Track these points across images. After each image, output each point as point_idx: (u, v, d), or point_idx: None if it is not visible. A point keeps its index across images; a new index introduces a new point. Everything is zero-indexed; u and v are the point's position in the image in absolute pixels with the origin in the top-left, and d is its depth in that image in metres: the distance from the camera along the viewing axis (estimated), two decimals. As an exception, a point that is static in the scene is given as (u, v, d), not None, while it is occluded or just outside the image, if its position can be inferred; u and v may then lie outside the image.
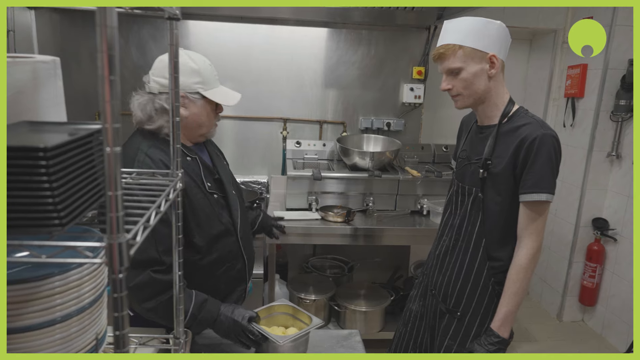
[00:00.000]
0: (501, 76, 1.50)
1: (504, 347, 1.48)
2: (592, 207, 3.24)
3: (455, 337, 1.61)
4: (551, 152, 1.41)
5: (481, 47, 1.43)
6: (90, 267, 0.80)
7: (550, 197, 1.43)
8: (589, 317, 3.39)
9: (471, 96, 1.50)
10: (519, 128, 1.46)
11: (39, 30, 2.87)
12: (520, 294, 1.47)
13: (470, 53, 1.44)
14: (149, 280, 1.30)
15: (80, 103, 2.82)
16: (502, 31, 1.46)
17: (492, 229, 1.53)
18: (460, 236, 1.61)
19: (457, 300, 1.61)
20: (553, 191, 1.44)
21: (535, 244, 1.45)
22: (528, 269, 1.45)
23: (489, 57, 1.44)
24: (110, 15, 0.53)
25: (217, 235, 1.48)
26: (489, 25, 1.44)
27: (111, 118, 0.55)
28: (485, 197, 1.53)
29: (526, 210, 1.45)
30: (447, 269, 1.66)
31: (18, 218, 0.60)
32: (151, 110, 1.40)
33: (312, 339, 1.50)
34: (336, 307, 2.83)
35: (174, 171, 0.98)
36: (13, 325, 0.74)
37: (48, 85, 0.82)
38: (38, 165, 0.58)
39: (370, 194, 2.82)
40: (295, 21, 3.09)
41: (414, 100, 3.24)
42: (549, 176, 1.41)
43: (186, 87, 1.39)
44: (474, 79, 1.46)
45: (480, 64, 1.45)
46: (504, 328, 1.48)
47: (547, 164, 1.40)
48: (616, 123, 3.09)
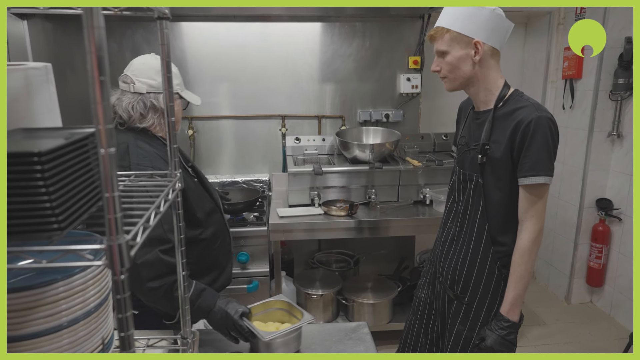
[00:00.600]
0: (492, 62, 1.50)
1: (514, 331, 1.49)
2: (595, 187, 3.23)
3: (465, 322, 1.62)
4: (547, 134, 1.41)
5: (467, 33, 1.44)
6: (94, 271, 0.80)
7: (549, 180, 1.43)
8: (597, 298, 3.38)
9: (456, 80, 1.52)
10: (514, 111, 1.47)
11: (32, 39, 2.87)
12: (526, 277, 1.48)
13: (456, 37, 1.46)
14: (156, 259, 1.34)
15: (76, 110, 2.80)
16: (494, 17, 1.46)
17: (494, 214, 1.54)
18: (465, 222, 1.62)
19: (465, 286, 1.62)
20: (551, 173, 1.44)
21: (536, 227, 1.46)
22: (531, 251, 1.46)
23: (474, 42, 1.45)
24: (97, 16, 0.53)
25: (210, 211, 1.62)
26: (480, 12, 1.44)
27: (103, 119, 0.55)
28: (485, 182, 1.53)
29: (525, 194, 1.46)
30: (453, 255, 1.67)
31: (17, 224, 0.60)
32: (142, 109, 1.50)
33: (320, 333, 1.51)
34: (344, 301, 2.84)
35: (172, 172, 0.98)
36: (20, 333, 0.74)
37: (41, 91, 0.82)
38: (33, 170, 0.58)
39: (372, 186, 2.81)
40: (288, 17, 3.08)
41: (411, 90, 3.23)
42: (545, 158, 1.42)
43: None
44: (458, 62, 1.48)
45: (465, 49, 1.46)
46: (513, 312, 1.49)
47: (543, 146, 1.41)
48: (615, 102, 3.07)
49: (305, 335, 1.46)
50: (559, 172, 3.48)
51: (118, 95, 1.51)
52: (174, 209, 1.00)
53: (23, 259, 0.77)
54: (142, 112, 1.50)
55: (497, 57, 1.51)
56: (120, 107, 1.49)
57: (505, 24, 1.48)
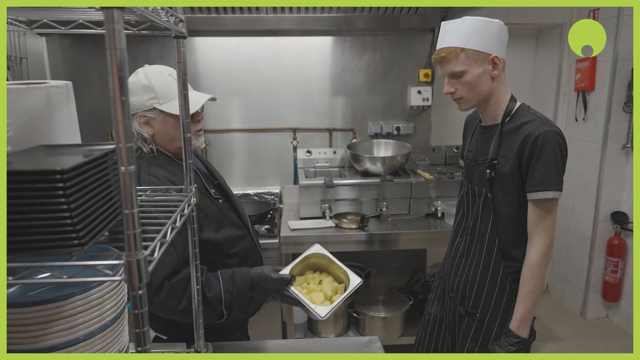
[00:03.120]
0: (503, 76, 1.50)
1: (524, 347, 1.47)
2: (609, 200, 3.19)
3: (477, 339, 1.59)
4: (555, 148, 1.39)
5: (483, 49, 1.42)
6: (111, 285, 0.81)
7: (557, 194, 1.41)
8: (614, 313, 3.32)
9: (474, 98, 1.49)
10: (522, 126, 1.45)
11: (50, 56, 2.94)
12: (536, 293, 1.46)
13: (473, 55, 1.43)
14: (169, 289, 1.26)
15: (92, 124, 2.86)
16: (502, 30, 1.45)
17: (504, 229, 1.52)
18: (475, 237, 1.60)
19: (475, 302, 1.60)
20: (560, 188, 1.42)
21: (545, 242, 1.44)
22: (541, 267, 1.44)
23: (492, 58, 1.43)
24: (119, 37, 0.55)
25: (234, 237, 1.48)
26: (489, 26, 1.43)
27: (124, 138, 0.56)
28: (494, 197, 1.52)
29: (534, 209, 1.44)
30: (463, 271, 1.65)
31: (38, 240, 0.61)
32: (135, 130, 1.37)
33: (332, 347, 1.50)
34: (355, 314, 2.82)
35: (187, 187, 0.99)
36: (37, 346, 0.75)
37: (62, 109, 0.84)
38: (56, 187, 0.60)
39: (384, 198, 2.81)
40: (299, 31, 3.12)
41: (422, 103, 3.23)
42: (554, 173, 1.40)
43: (141, 105, 1.33)
44: (477, 81, 1.45)
45: (483, 66, 1.44)
46: (522, 328, 1.47)
47: (551, 160, 1.39)
48: (629, 114, 3.04)
49: (317, 350, 1.45)
50: (573, 185, 3.44)
51: None
52: (189, 224, 1.02)
53: (43, 273, 0.78)
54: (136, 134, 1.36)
55: (504, 70, 1.51)
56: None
57: (507, 35, 1.48)
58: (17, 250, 0.61)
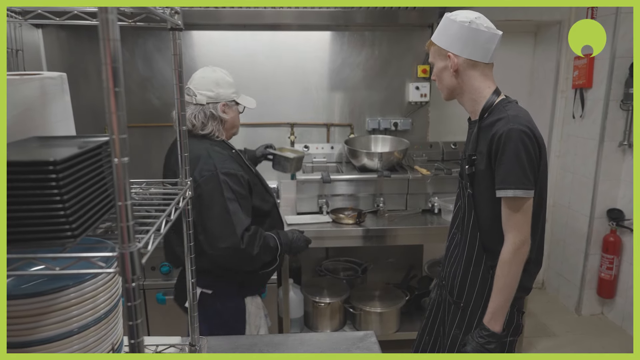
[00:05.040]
0: (473, 72, 1.51)
1: (494, 341, 1.49)
2: (606, 197, 3.20)
3: (461, 326, 1.63)
4: (518, 146, 1.39)
5: (442, 45, 1.51)
6: (105, 278, 0.81)
7: (520, 193, 1.40)
8: (609, 310, 3.33)
9: (443, 89, 1.59)
10: (494, 123, 1.46)
11: (47, 48, 2.92)
12: (507, 290, 1.47)
13: (437, 50, 1.53)
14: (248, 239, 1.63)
15: (89, 118, 2.85)
16: (466, 30, 1.46)
17: (484, 223, 1.55)
18: (463, 230, 1.64)
19: (460, 291, 1.64)
20: (524, 186, 1.40)
21: (516, 239, 1.44)
22: (512, 264, 1.45)
23: (447, 54, 1.50)
24: (113, 28, 0.54)
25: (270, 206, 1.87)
26: (451, 25, 1.49)
27: (118, 129, 0.56)
28: (474, 192, 1.55)
29: (503, 206, 1.46)
30: (453, 261, 1.69)
31: (31, 231, 0.61)
32: (203, 118, 1.70)
33: (327, 342, 1.50)
34: (351, 310, 2.82)
35: (182, 180, 0.99)
36: (31, 338, 0.75)
37: (56, 100, 0.84)
38: (48, 178, 0.59)
39: (381, 194, 2.81)
40: (298, 26, 3.10)
41: (420, 99, 3.23)
42: (516, 171, 1.40)
43: (226, 96, 1.74)
44: (440, 74, 1.56)
45: (444, 61, 1.52)
46: (494, 322, 1.49)
47: (513, 158, 1.39)
48: (627, 112, 3.05)
49: (313, 344, 1.46)
50: (569, 182, 3.45)
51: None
52: (184, 217, 1.01)
53: (36, 265, 0.78)
54: (203, 121, 1.69)
55: (479, 68, 1.51)
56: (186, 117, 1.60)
57: (483, 36, 1.47)
58: (9, 242, 0.60)
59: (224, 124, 1.75)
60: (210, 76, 1.73)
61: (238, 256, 1.63)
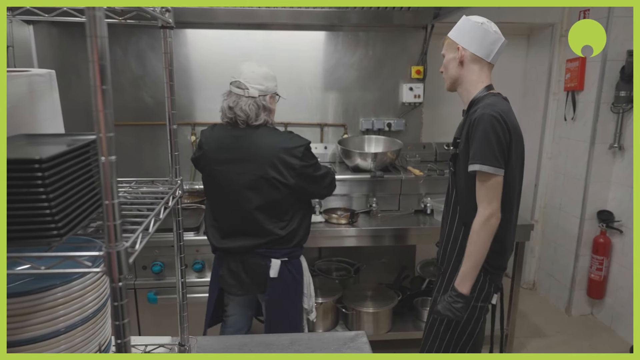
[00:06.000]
0: (474, 67, 1.73)
1: (461, 302, 1.67)
2: (596, 199, 3.22)
3: (440, 290, 1.84)
4: (487, 128, 1.58)
5: (455, 39, 1.73)
6: (93, 277, 0.80)
7: (485, 168, 1.58)
8: (598, 310, 3.36)
9: (448, 79, 1.80)
10: (475, 112, 1.66)
11: (38, 45, 2.89)
12: (474, 257, 1.65)
13: (450, 43, 1.75)
14: (332, 176, 2.04)
15: (80, 115, 2.83)
16: (477, 28, 1.69)
17: (461, 198, 1.75)
18: (446, 205, 1.87)
19: (442, 258, 1.85)
20: (490, 163, 1.58)
21: (485, 212, 1.62)
22: (479, 234, 1.63)
23: (457, 47, 1.72)
24: (100, 25, 0.54)
25: None
26: (465, 22, 1.72)
27: (105, 127, 0.55)
28: (456, 171, 1.77)
29: (476, 181, 1.65)
30: (441, 234, 1.90)
31: (17, 230, 0.60)
32: (256, 109, 1.84)
33: (318, 341, 1.50)
34: (344, 310, 2.82)
35: (172, 178, 0.98)
36: (17, 338, 0.74)
37: (44, 98, 0.83)
38: (34, 177, 0.59)
39: (374, 194, 2.81)
40: (292, 26, 3.10)
41: (413, 100, 3.24)
42: (483, 149, 1.59)
43: (273, 89, 1.91)
44: (448, 64, 1.77)
45: (454, 53, 1.74)
46: (462, 284, 1.68)
47: (482, 138, 1.59)
48: (617, 115, 3.07)
49: (304, 344, 1.45)
50: (560, 183, 3.47)
51: (234, 98, 1.85)
52: (174, 216, 1.01)
53: (22, 264, 0.77)
54: (257, 112, 1.84)
55: (480, 64, 1.72)
56: (240, 108, 1.83)
57: (490, 37, 1.69)
58: (-6, 240, 0.60)
59: (271, 113, 1.92)
60: (258, 71, 1.88)
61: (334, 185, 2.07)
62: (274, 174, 1.83)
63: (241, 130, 1.88)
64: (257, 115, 1.86)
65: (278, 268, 1.91)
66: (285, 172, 1.84)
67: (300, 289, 2.02)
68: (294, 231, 1.94)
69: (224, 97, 1.91)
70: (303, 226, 2.00)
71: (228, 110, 1.87)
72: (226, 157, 1.88)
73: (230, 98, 1.87)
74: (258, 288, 1.97)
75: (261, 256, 1.92)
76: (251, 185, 1.85)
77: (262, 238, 1.89)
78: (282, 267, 1.93)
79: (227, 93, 1.91)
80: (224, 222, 1.95)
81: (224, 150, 1.90)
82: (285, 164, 1.83)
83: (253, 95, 1.85)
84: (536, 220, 3.72)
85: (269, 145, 1.85)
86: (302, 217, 1.99)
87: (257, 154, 1.84)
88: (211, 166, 1.92)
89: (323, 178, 1.99)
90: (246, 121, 1.86)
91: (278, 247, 1.92)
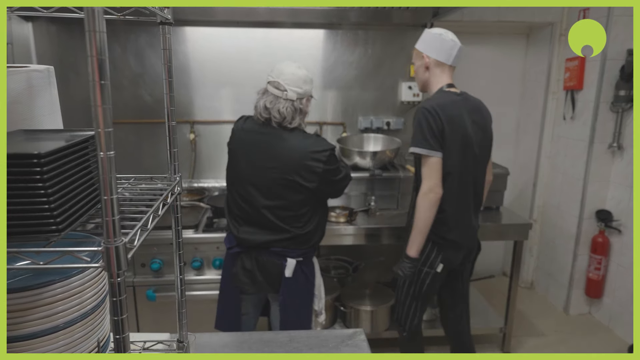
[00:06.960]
0: (437, 71, 2.03)
1: (408, 262, 2.02)
2: (595, 199, 3.23)
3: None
4: (420, 118, 1.90)
5: (420, 49, 2.05)
6: (92, 273, 0.80)
7: (417, 150, 1.90)
8: (596, 310, 3.37)
9: (419, 82, 2.13)
10: None
11: (37, 42, 2.89)
12: (418, 224, 1.95)
13: (417, 53, 2.07)
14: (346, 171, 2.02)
15: (80, 112, 2.83)
16: (435, 39, 2.00)
17: (417, 179, 2.03)
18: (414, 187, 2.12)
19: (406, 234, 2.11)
20: (421, 146, 1.89)
21: (424, 187, 1.91)
22: (419, 207, 1.93)
23: (422, 55, 2.03)
24: (99, 20, 0.54)
25: None
26: (427, 34, 2.04)
27: (103, 122, 0.55)
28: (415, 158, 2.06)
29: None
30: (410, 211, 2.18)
31: (15, 225, 0.60)
32: (292, 112, 1.85)
33: (316, 339, 1.50)
34: (342, 308, 2.83)
35: (171, 175, 0.98)
36: (16, 333, 0.74)
37: (43, 93, 0.83)
38: (33, 171, 0.59)
39: (372, 193, 2.81)
40: (291, 24, 3.10)
41: (412, 99, 3.24)
42: (416, 134, 1.91)
43: (309, 92, 1.91)
44: (417, 70, 2.10)
45: (421, 61, 2.06)
46: (409, 249, 2.01)
47: (416, 126, 1.93)
48: (616, 114, 3.08)
49: (302, 341, 1.45)
50: (559, 182, 3.48)
51: (271, 99, 1.84)
52: (172, 213, 1.01)
53: (21, 259, 0.77)
54: (293, 115, 1.85)
55: (442, 67, 2.02)
56: (277, 110, 1.83)
57: (447, 44, 1.99)
58: (-7, 235, 0.60)
59: (305, 116, 1.94)
60: (298, 73, 1.87)
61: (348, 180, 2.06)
62: (297, 178, 1.83)
63: (273, 129, 1.87)
64: (293, 118, 1.86)
65: (293, 268, 1.91)
66: (308, 176, 1.84)
67: (312, 290, 2.02)
68: (311, 232, 1.95)
69: (259, 95, 1.90)
70: (320, 227, 2.02)
71: (264, 109, 1.85)
72: (254, 151, 1.88)
73: (267, 97, 1.86)
74: (271, 287, 1.96)
75: (277, 255, 1.92)
76: (274, 184, 1.85)
77: (280, 234, 1.89)
78: (296, 267, 1.93)
79: (262, 91, 1.90)
80: (243, 212, 1.94)
81: (252, 146, 1.90)
82: (309, 168, 1.83)
83: (291, 98, 1.84)
84: (535, 220, 3.72)
85: (297, 149, 1.84)
86: (320, 219, 2.00)
87: (285, 155, 1.84)
88: (237, 157, 1.93)
89: (342, 181, 1.99)
90: (280, 123, 1.85)
91: (294, 247, 1.93)
